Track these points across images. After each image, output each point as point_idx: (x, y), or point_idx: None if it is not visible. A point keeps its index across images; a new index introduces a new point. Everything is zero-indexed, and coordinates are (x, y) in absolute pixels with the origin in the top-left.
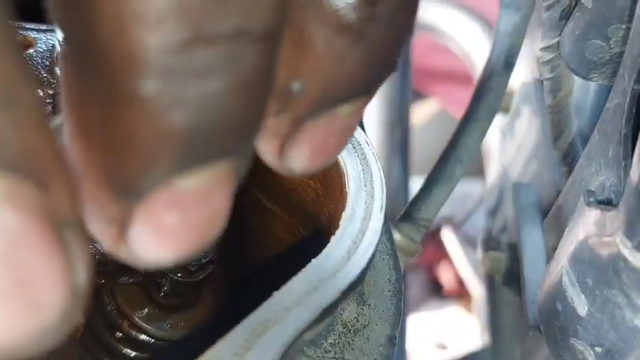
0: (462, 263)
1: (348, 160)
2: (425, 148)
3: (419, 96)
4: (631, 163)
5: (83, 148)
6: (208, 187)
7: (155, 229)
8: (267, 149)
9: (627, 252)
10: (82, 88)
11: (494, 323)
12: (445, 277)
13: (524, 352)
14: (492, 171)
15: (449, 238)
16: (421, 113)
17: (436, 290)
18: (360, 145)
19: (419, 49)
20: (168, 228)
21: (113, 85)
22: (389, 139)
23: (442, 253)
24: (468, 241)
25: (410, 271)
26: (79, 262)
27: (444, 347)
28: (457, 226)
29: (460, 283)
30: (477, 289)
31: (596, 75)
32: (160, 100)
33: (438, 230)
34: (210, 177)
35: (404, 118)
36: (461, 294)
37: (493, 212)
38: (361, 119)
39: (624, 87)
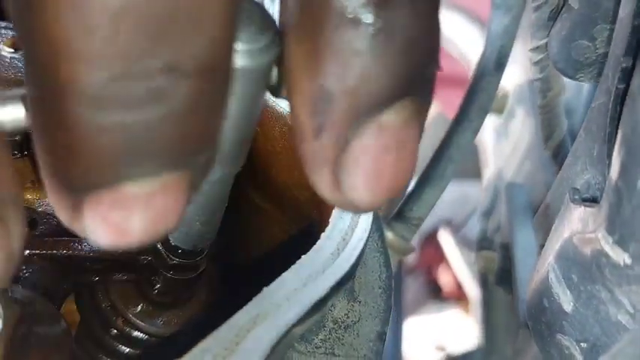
0: (460, 265)
1: None
2: (423, 151)
3: None
4: None
5: (41, 150)
6: (151, 194)
7: (102, 222)
8: (320, 181)
9: (609, 247)
10: (37, 103)
11: (487, 322)
12: (444, 279)
13: (516, 349)
14: (487, 172)
15: (446, 240)
16: None
17: (435, 292)
18: None
19: None
20: (112, 222)
21: (55, 107)
22: None
23: (441, 256)
24: (466, 244)
25: (409, 273)
26: (14, 232)
27: (443, 349)
28: (456, 229)
29: (459, 285)
30: (474, 291)
31: (582, 75)
32: (90, 123)
33: (436, 232)
34: (153, 185)
35: None
36: (460, 296)
37: (488, 213)
38: None
39: (608, 86)
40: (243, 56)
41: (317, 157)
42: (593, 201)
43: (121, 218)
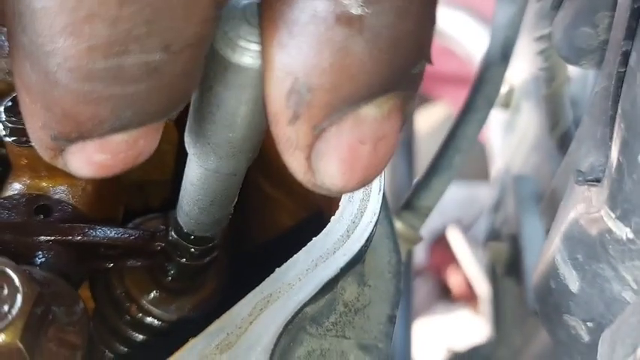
0: (469, 263)
1: None
2: (431, 150)
3: (427, 100)
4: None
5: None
6: (134, 140)
7: (86, 162)
8: (294, 165)
9: (612, 223)
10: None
11: (496, 313)
12: (453, 280)
13: (524, 338)
14: (495, 168)
15: (455, 238)
16: (429, 118)
17: (445, 294)
18: None
19: None
20: (96, 162)
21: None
22: None
23: (450, 257)
24: (475, 243)
25: (418, 275)
26: None
27: (452, 351)
28: (464, 230)
29: (469, 285)
30: (484, 289)
31: (585, 62)
32: (80, 93)
33: (445, 234)
34: (137, 133)
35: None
36: (469, 297)
37: (495, 207)
38: None
39: (610, 70)
40: (257, 56)
41: (291, 141)
42: (596, 181)
43: (105, 159)
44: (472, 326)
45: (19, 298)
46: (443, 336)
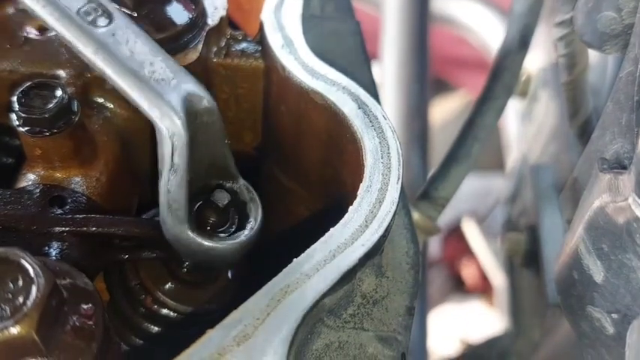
0: (484, 254)
1: (365, 134)
2: (449, 140)
3: (447, 88)
4: None
5: None
6: None
7: None
8: None
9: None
10: None
11: (514, 306)
12: (467, 272)
13: (544, 330)
14: (511, 158)
15: (470, 229)
16: (447, 107)
17: (458, 286)
18: (377, 118)
19: (447, 39)
20: None
21: None
22: (408, 131)
23: (464, 249)
24: (490, 235)
25: (432, 267)
26: None
27: (466, 342)
28: (479, 222)
29: (482, 277)
30: (499, 279)
31: (609, 47)
32: None
33: (459, 226)
34: None
35: (422, 109)
36: (483, 289)
37: (512, 197)
38: (378, 96)
39: (635, 55)
40: None
41: None
42: (622, 169)
43: None
44: (486, 318)
45: (34, 289)
46: (456, 327)
